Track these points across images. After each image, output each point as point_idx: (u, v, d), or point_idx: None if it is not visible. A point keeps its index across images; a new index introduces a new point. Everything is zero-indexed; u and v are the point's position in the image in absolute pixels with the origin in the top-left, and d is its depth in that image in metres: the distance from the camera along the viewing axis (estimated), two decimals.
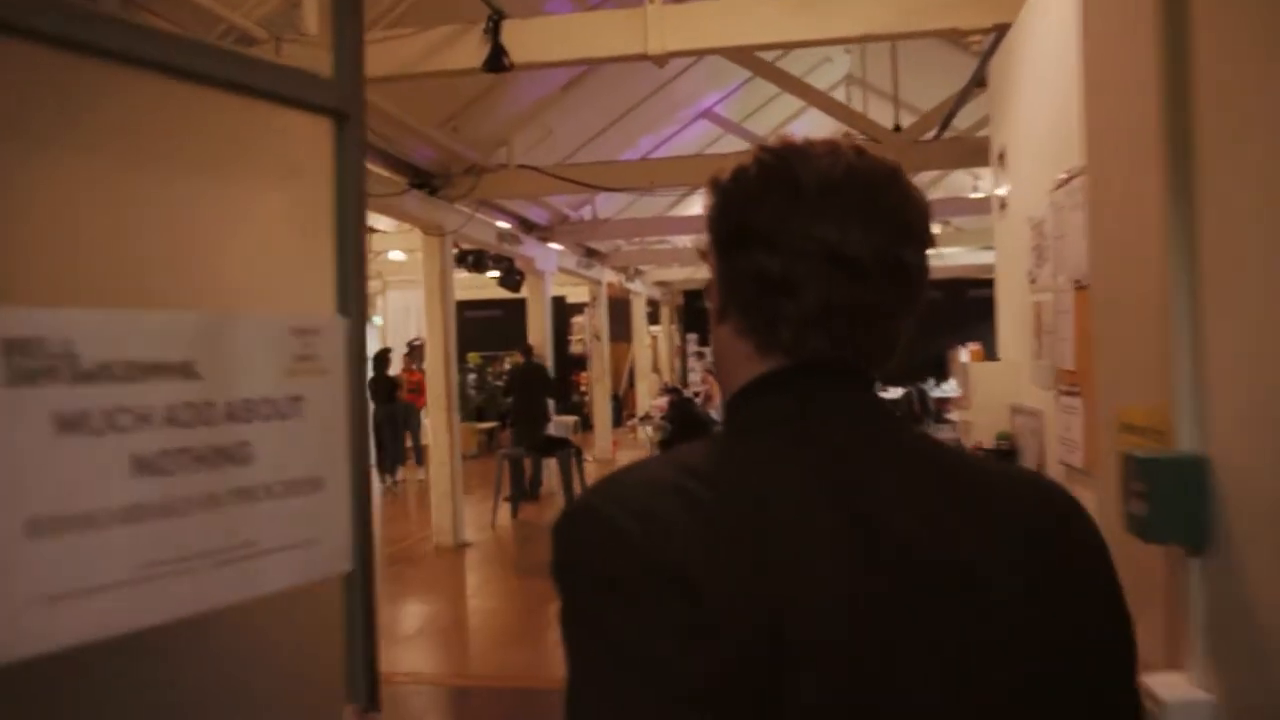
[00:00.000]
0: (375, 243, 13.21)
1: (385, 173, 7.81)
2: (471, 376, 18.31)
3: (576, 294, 18.10)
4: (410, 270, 16.52)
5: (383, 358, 12.77)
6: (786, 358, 0.82)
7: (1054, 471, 3.34)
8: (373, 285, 18.00)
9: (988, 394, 3.98)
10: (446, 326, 8.55)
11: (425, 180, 8.25)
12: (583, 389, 18.56)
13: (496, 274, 13.84)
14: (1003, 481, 0.85)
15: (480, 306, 19.70)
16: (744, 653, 0.69)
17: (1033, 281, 3.60)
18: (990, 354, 4.68)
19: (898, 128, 7.70)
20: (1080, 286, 2.88)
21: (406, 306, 17.94)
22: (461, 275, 18.07)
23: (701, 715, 0.67)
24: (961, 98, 6.84)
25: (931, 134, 7.67)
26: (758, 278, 0.81)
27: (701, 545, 0.71)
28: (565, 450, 9.34)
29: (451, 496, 8.47)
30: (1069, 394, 3.05)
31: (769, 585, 0.70)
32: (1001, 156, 4.24)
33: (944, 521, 0.77)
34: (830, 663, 0.70)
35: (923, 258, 0.83)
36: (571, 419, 19.14)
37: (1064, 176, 3.01)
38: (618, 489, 0.78)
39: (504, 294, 13.62)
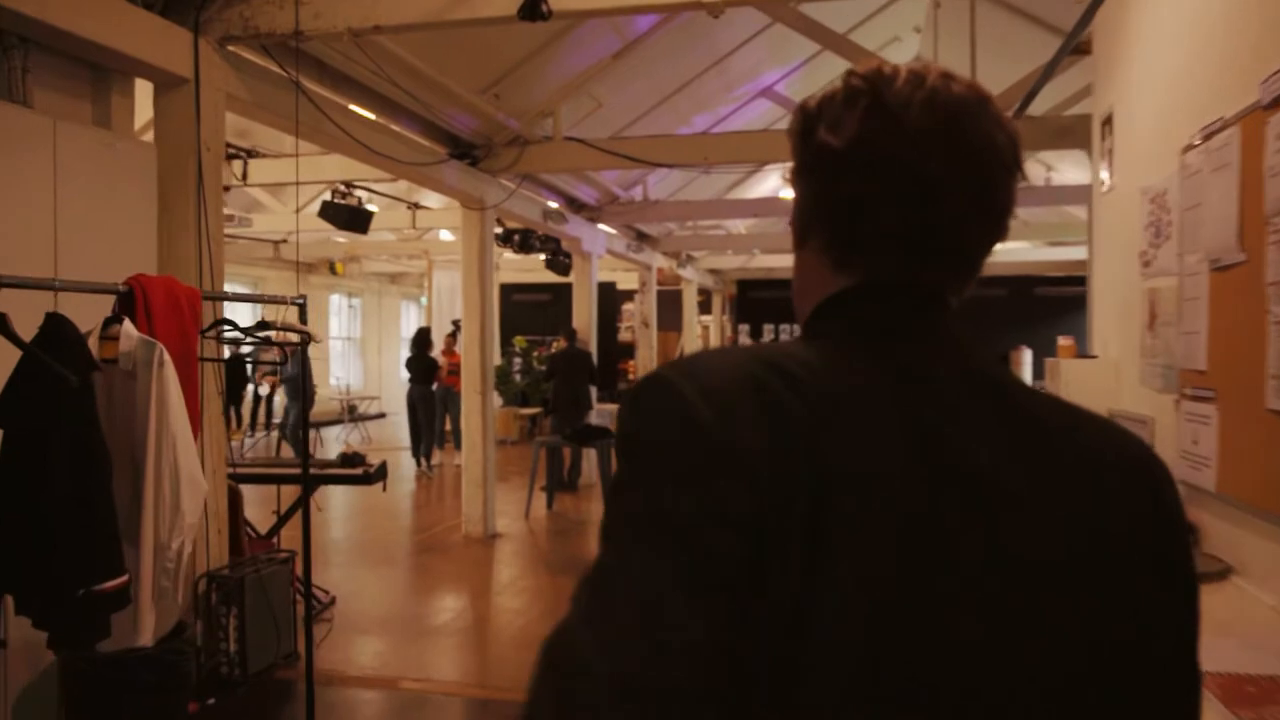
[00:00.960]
0: (421, 220, 12.85)
1: (423, 141, 7.40)
2: (517, 361, 18.00)
3: (627, 280, 17.67)
4: (458, 250, 16.23)
5: (422, 338, 12.34)
6: (863, 277, 0.82)
7: None
8: (418, 264, 17.70)
9: (1081, 397, 3.43)
10: (484, 306, 8.12)
11: (466, 151, 7.82)
12: (630, 377, 18.15)
13: (543, 256, 13.58)
14: (1089, 429, 0.81)
15: (529, 290, 19.39)
16: (784, 547, 0.65)
17: (1146, 265, 3.04)
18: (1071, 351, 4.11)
19: None
20: (1221, 267, 2.33)
21: (453, 286, 17.59)
22: (510, 257, 17.85)
23: (729, 607, 0.64)
24: (1049, 69, 6.23)
25: (1010, 113, 7.06)
26: (837, 197, 0.81)
27: (766, 434, 0.68)
28: (605, 440, 8.88)
29: (483, 485, 8.06)
30: (1197, 399, 2.50)
31: (822, 483, 0.68)
32: (1108, 122, 3.67)
33: (1014, 454, 0.75)
34: (871, 568, 0.67)
35: (1010, 186, 0.81)
36: (616, 407, 18.83)
37: (1202, 132, 2.46)
38: (694, 368, 0.74)
39: (553, 277, 13.26)
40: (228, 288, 17.76)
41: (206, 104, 4.57)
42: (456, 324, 15.81)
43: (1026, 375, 18.21)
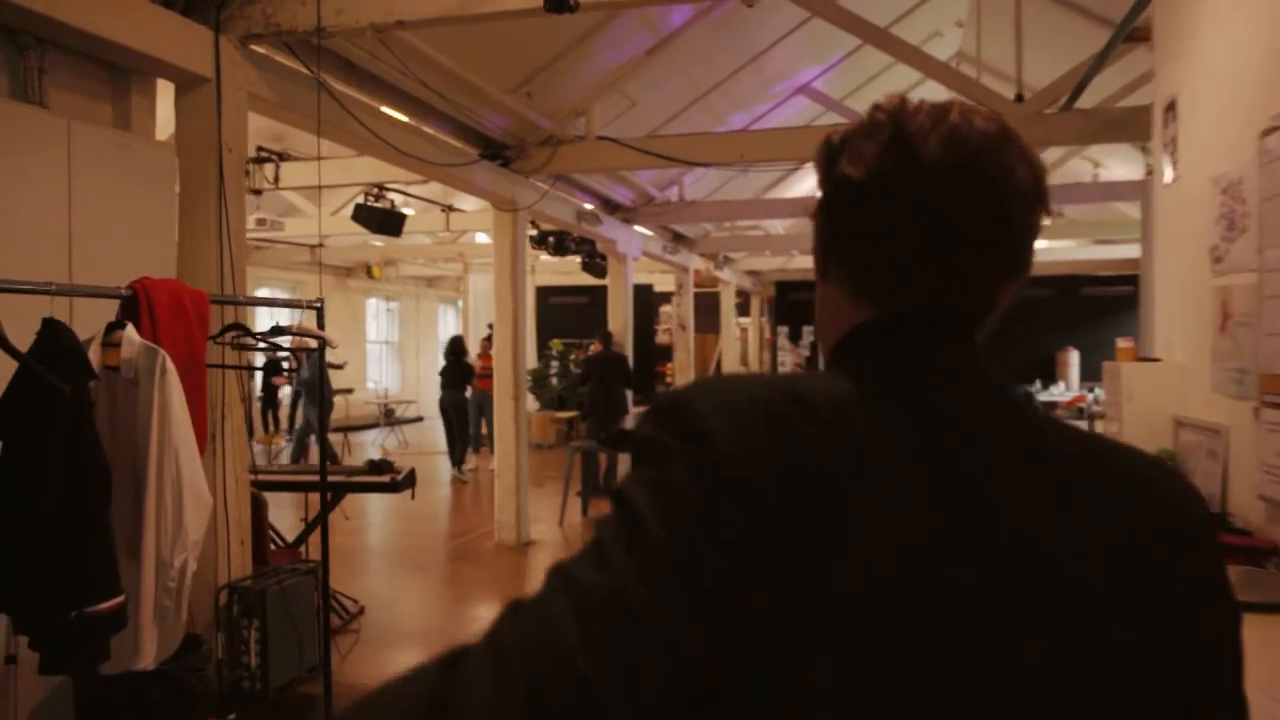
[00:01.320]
0: (455, 222, 12.76)
1: (454, 141, 7.28)
2: (554, 364, 17.90)
3: (664, 282, 17.51)
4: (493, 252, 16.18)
5: (456, 347, 12.20)
6: (884, 309, 0.81)
7: (1246, 505, 2.56)
8: (454, 268, 17.66)
9: (1144, 403, 3.20)
10: (517, 309, 7.99)
11: (497, 151, 7.69)
12: (668, 380, 17.98)
13: (579, 258, 13.44)
14: (1113, 458, 0.79)
15: (566, 292, 19.29)
16: (779, 570, 0.65)
17: (1217, 261, 2.81)
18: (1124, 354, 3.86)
19: (1020, 97, 6.84)
20: None
21: (490, 289, 17.48)
22: (546, 260, 17.76)
23: (705, 621, 0.63)
24: (1100, 59, 5.98)
25: (1057, 107, 6.80)
26: (858, 231, 0.81)
27: (776, 458, 0.68)
28: None
29: (516, 491, 7.92)
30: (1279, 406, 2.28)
31: (831, 512, 0.67)
32: (1170, 109, 3.43)
33: (1035, 494, 0.73)
34: (869, 615, 0.66)
35: (1032, 220, 0.80)
36: None
37: None
38: (715, 388, 0.73)
39: (590, 279, 13.12)
40: (264, 292, 17.90)
41: (228, 104, 4.46)
42: (492, 327, 15.81)
43: (1074, 377, 17.80)
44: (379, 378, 20.71)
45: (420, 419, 19.39)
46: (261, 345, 3.62)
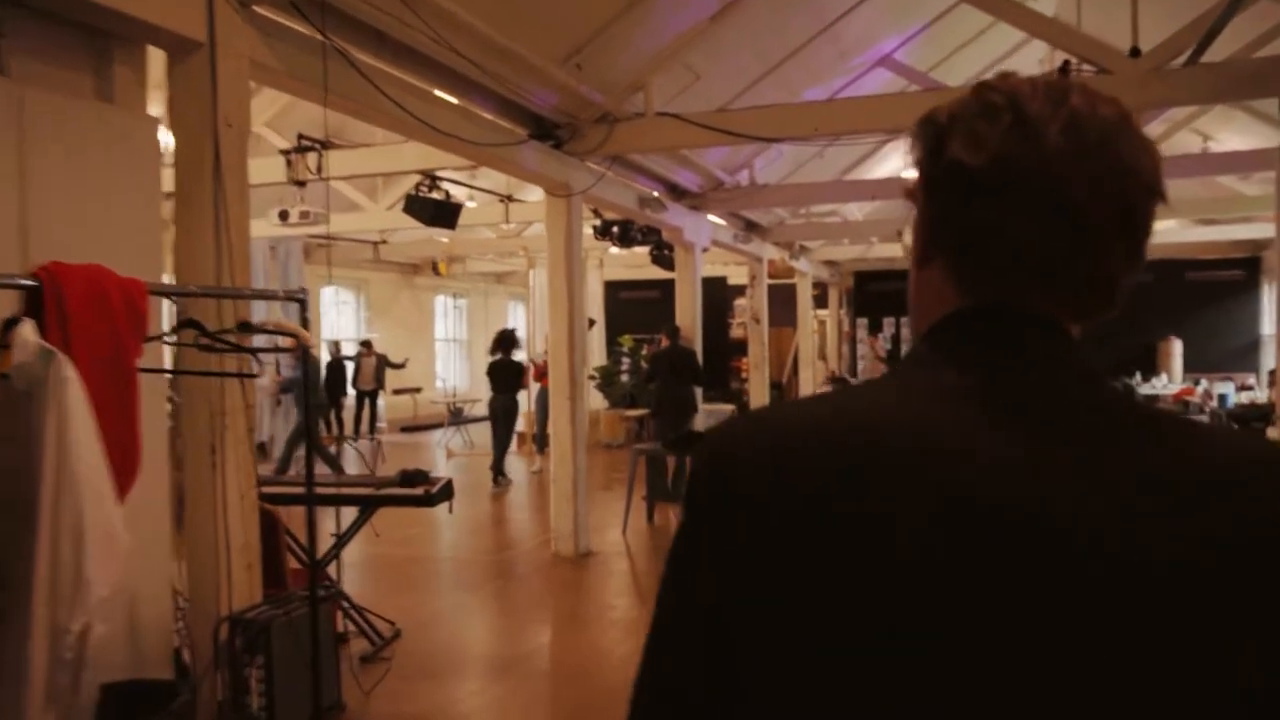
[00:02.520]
0: (516, 213, 12.24)
1: (499, 120, 6.72)
2: (625, 360, 17.34)
3: (738, 274, 16.81)
4: None
5: (506, 340, 11.12)
6: (987, 299, 0.78)
7: None
8: (517, 261, 17.17)
9: None
10: (573, 301, 7.39)
11: (548, 131, 7.11)
12: (743, 375, 17.28)
13: (647, 250, 12.83)
14: (1212, 450, 0.74)
15: (636, 287, 18.72)
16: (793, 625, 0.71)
17: None
18: None
19: (1135, 51, 6.00)
20: None
21: None
22: (616, 253, 17.17)
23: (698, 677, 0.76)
24: (1233, 5, 5.15)
25: (1181, 60, 5.96)
26: (972, 220, 0.77)
27: (781, 505, 0.72)
28: None
29: (573, 498, 7.34)
30: None
31: (846, 546, 0.70)
32: None
33: (1124, 504, 0.70)
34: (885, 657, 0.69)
35: (1152, 211, 0.77)
36: (729, 408, 17.97)
37: None
38: (743, 432, 0.79)
39: (661, 273, 12.53)
40: (331, 291, 17.67)
41: (225, 72, 3.93)
42: None
43: (1177, 369, 16.60)
44: (447, 376, 20.38)
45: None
46: (222, 345, 3.05)
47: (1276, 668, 0.67)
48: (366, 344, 16.00)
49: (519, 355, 11.11)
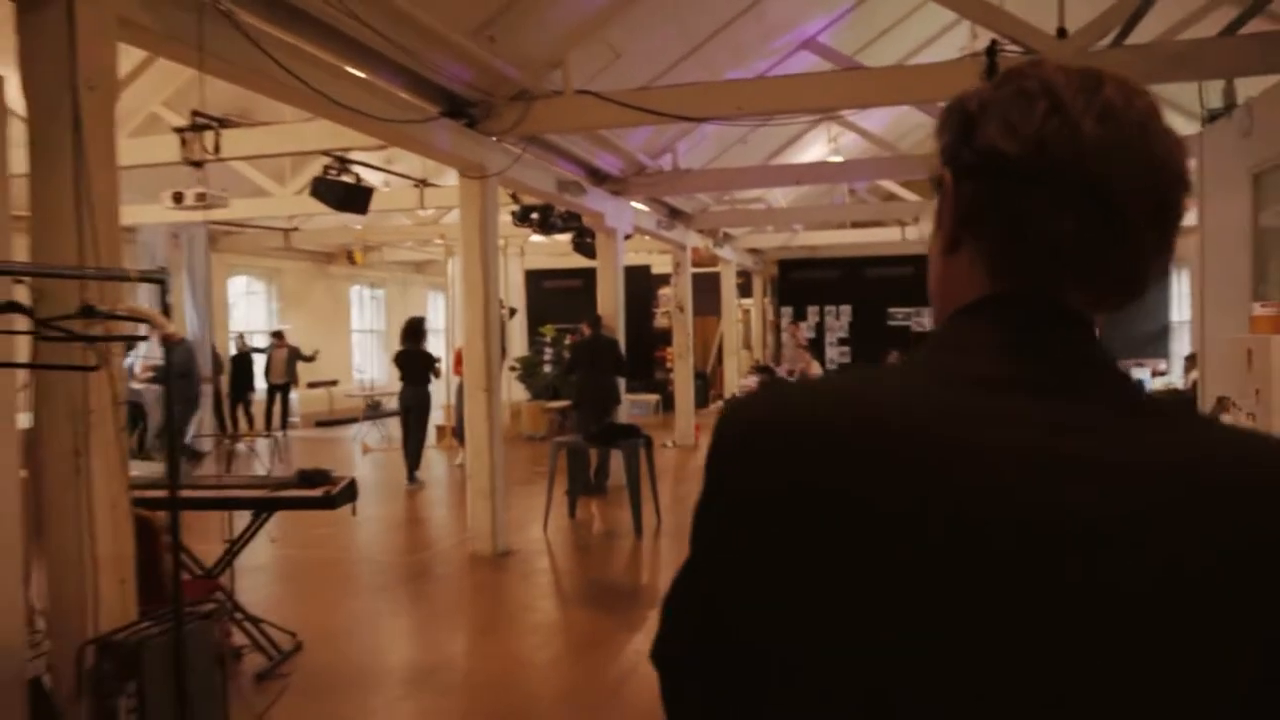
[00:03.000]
0: (431, 199, 11.79)
1: (411, 97, 6.34)
2: (548, 351, 16.98)
3: (663, 263, 16.58)
4: None
5: (415, 329, 10.45)
6: (1014, 287, 0.77)
7: None
8: (435, 250, 16.67)
9: None
10: (488, 288, 7.04)
11: (461, 109, 6.74)
12: (668, 366, 17.07)
13: (569, 237, 12.49)
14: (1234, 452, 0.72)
15: (559, 275, 18.35)
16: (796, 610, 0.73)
17: None
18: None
19: (1062, 32, 5.87)
20: None
21: None
22: (538, 241, 16.77)
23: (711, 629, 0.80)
24: None
25: (1108, 41, 5.85)
26: (1007, 207, 0.76)
27: (787, 474, 0.74)
28: (633, 440, 7.78)
29: (490, 495, 7.00)
30: None
31: (848, 524, 0.71)
32: None
33: (1151, 506, 0.68)
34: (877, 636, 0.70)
35: (1182, 201, 0.77)
36: (653, 398, 17.77)
37: None
38: (760, 400, 0.82)
39: (585, 262, 12.21)
40: (239, 281, 16.96)
41: (86, 26, 3.51)
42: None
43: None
44: (364, 369, 19.78)
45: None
46: (55, 335, 2.66)
47: (1274, 675, 0.67)
48: (278, 335, 15.39)
49: (432, 345, 10.53)
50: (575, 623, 5.59)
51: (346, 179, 9.17)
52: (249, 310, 17.31)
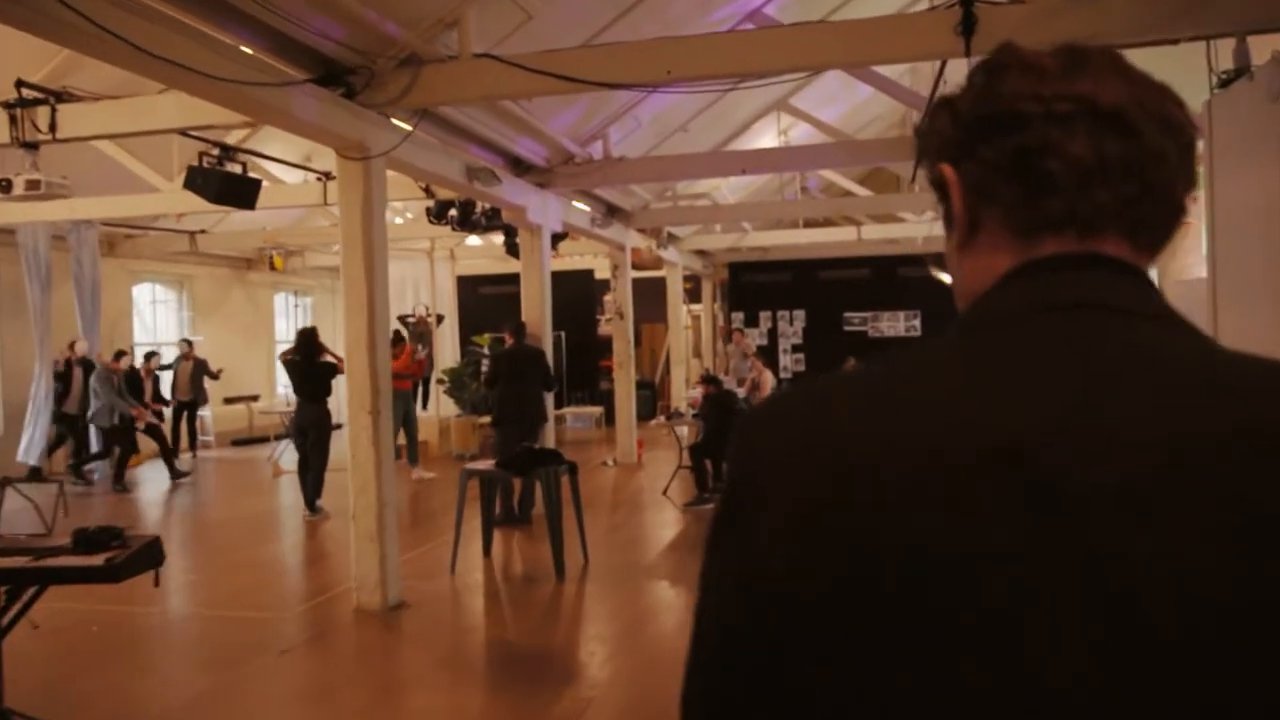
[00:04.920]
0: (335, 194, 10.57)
1: (271, 60, 5.21)
2: (484, 362, 15.82)
3: (608, 266, 15.49)
4: (404, 233, 14.00)
5: (308, 339, 9.21)
6: (1057, 239, 0.73)
7: None
8: None
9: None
10: (373, 289, 5.90)
11: (338, 76, 5.62)
12: (613, 376, 15.97)
13: (501, 239, 11.39)
14: None
15: (497, 281, 17.17)
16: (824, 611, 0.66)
17: None
18: None
19: None
20: None
21: (402, 277, 15.40)
22: (475, 244, 15.62)
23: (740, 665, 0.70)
24: None
25: None
26: (1014, 156, 0.73)
27: (815, 473, 0.67)
28: (552, 468, 6.67)
29: (379, 537, 5.85)
30: None
31: (877, 524, 0.64)
32: None
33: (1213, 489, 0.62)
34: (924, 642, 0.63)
35: (1194, 153, 0.76)
36: (596, 410, 16.68)
37: None
38: (773, 409, 0.76)
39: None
40: (144, 290, 15.59)
41: None
42: (404, 319, 13.63)
43: None
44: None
45: (339, 425, 17.13)
46: None
47: None
48: (188, 343, 14.03)
49: (332, 356, 9.24)
50: (466, 708, 4.46)
51: (233, 169, 8.04)
52: (156, 320, 15.95)
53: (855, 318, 17.54)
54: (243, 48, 4.90)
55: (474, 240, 15.48)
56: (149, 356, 12.96)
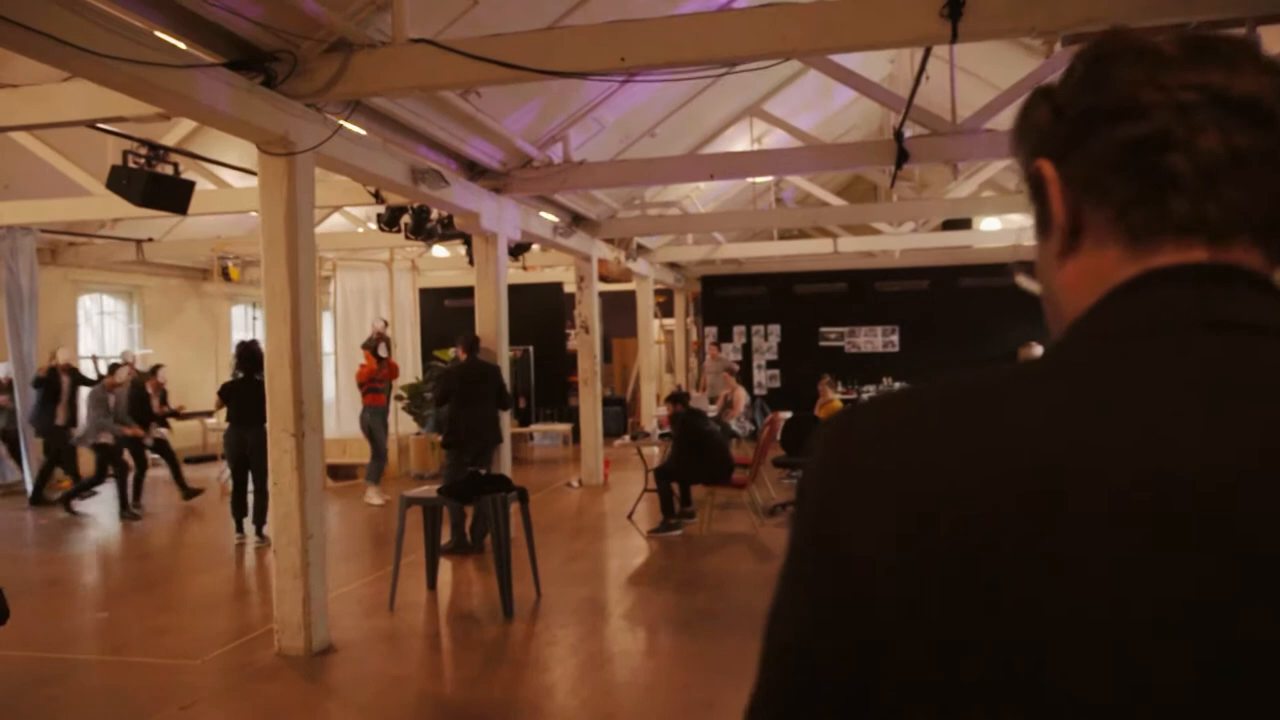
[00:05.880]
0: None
1: (174, 39, 4.64)
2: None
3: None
4: (364, 242, 13.40)
5: (250, 354, 8.37)
6: (1179, 246, 0.64)
7: None
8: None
9: None
10: (297, 298, 5.33)
11: (257, 62, 5.06)
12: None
13: (464, 248, 10.81)
14: None
15: (462, 294, 16.60)
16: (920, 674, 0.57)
17: None
18: None
19: None
20: None
21: (362, 289, 14.78)
22: (441, 254, 15.01)
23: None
24: None
25: None
26: (1130, 150, 0.65)
27: (912, 524, 0.57)
28: (500, 495, 6.10)
29: (303, 574, 5.26)
30: None
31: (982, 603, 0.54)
32: None
33: None
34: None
35: None
36: (565, 428, 16.10)
37: None
38: (866, 418, 0.64)
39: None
40: (88, 300, 14.91)
41: None
42: (380, 332, 12.93)
43: None
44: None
45: None
46: None
47: None
48: (123, 361, 13.29)
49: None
50: None
51: (162, 170, 7.45)
52: (105, 332, 15.25)
53: (832, 333, 17.08)
54: (136, 23, 4.33)
55: (440, 251, 14.90)
56: (113, 369, 12.18)
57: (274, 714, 4.62)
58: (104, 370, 11.23)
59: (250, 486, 8.36)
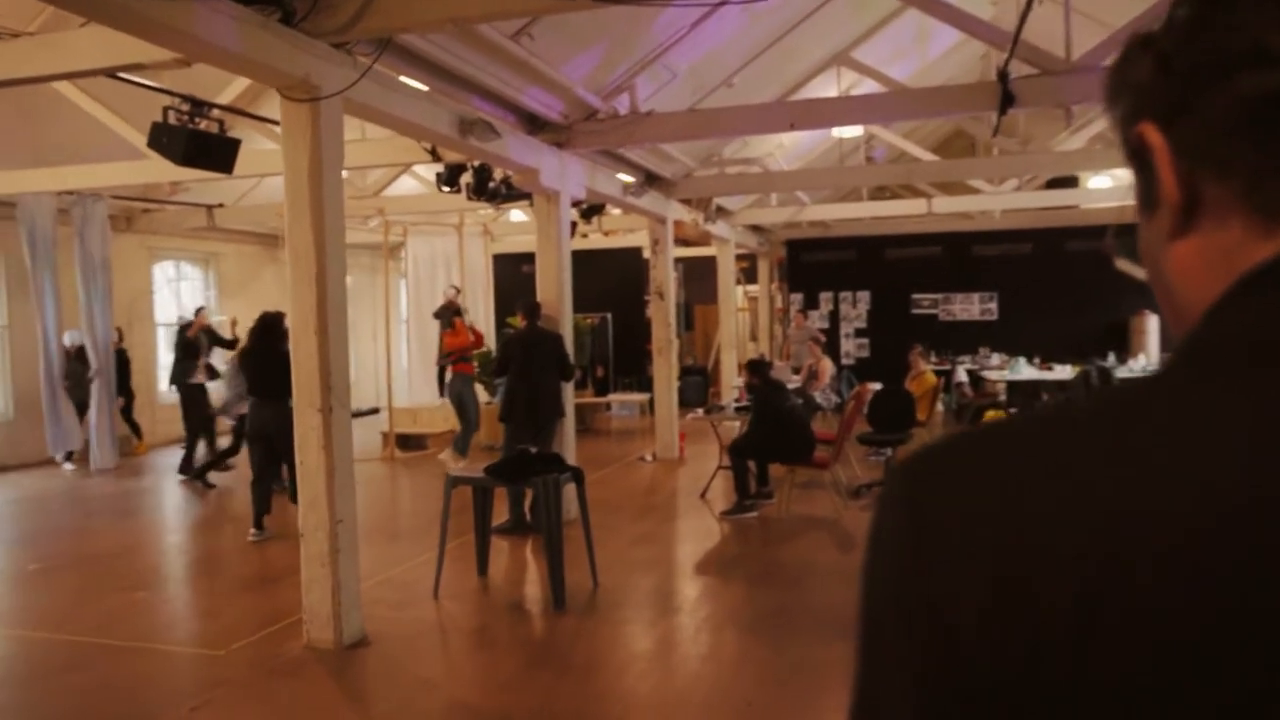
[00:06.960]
0: (361, 155, 9.57)
1: None
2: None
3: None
4: (433, 205, 12.96)
5: (270, 325, 7.74)
6: None
7: None
8: (387, 232, 14.44)
9: None
10: (322, 263, 4.85)
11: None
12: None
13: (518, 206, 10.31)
14: None
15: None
16: None
17: None
18: None
19: None
20: None
21: (433, 256, 14.40)
22: (520, 219, 14.54)
23: None
24: None
25: None
26: (1260, 107, 0.52)
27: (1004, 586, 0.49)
28: (551, 476, 5.56)
29: (331, 561, 4.82)
30: None
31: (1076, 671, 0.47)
32: None
33: None
34: None
35: None
36: (643, 398, 15.54)
37: None
38: (945, 470, 0.54)
39: (576, 243, 10.09)
40: (162, 268, 14.84)
41: None
42: (451, 299, 12.51)
43: (1153, 348, 14.56)
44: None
45: (375, 411, 16.18)
46: None
47: None
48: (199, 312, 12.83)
49: (395, 342, 8.03)
50: None
51: (207, 127, 7.07)
52: (180, 298, 15.19)
53: (925, 300, 16.13)
54: None
55: (518, 215, 14.42)
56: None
57: (288, 717, 4.18)
58: (240, 333, 10.88)
59: (268, 472, 7.84)
